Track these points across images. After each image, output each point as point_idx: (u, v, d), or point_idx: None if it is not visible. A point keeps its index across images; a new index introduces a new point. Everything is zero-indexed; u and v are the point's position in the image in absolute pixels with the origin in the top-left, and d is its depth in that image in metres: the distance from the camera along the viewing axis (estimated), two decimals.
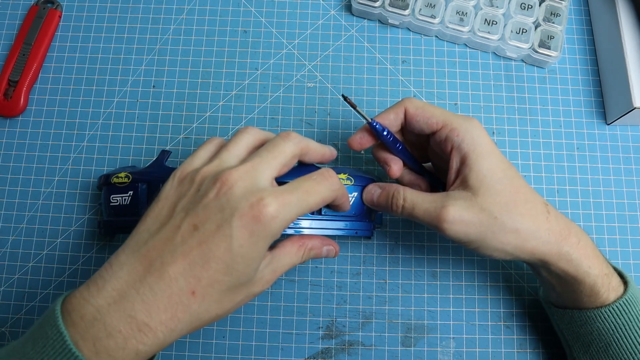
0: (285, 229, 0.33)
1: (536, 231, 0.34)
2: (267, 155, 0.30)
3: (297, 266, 0.44)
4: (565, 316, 0.37)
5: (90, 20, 0.51)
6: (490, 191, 0.34)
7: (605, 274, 0.35)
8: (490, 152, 0.35)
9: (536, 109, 0.48)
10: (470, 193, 0.34)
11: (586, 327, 0.36)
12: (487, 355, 0.42)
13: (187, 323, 0.28)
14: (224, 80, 0.49)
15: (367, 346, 0.43)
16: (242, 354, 0.42)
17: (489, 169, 0.34)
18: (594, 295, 0.34)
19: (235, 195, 0.27)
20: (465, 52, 0.50)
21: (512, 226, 0.33)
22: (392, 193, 0.36)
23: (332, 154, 0.36)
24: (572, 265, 0.34)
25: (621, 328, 0.34)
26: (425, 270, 0.44)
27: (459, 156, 0.35)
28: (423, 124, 0.36)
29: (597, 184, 0.46)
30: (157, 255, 0.27)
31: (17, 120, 0.48)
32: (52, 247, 0.45)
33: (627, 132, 0.48)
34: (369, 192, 0.38)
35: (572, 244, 0.34)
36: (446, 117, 0.36)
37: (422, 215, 0.35)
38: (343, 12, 0.51)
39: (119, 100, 0.48)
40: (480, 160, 0.34)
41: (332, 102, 0.48)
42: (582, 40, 0.51)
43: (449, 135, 0.35)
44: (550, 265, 0.34)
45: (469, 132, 0.35)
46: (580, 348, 0.37)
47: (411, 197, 0.35)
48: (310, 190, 0.29)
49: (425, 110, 0.36)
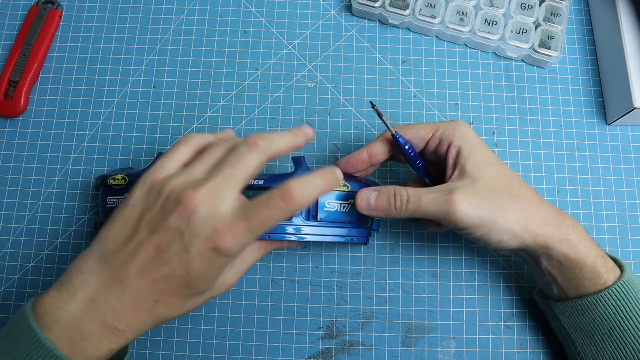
0: (285, 235, 0.36)
1: (535, 212, 0.35)
2: (230, 171, 0.30)
3: (298, 266, 0.44)
4: (566, 308, 0.37)
5: (90, 20, 0.51)
6: (489, 175, 0.35)
7: (602, 255, 0.36)
8: (479, 144, 0.37)
9: (536, 109, 0.48)
10: (470, 179, 0.35)
11: (588, 314, 0.36)
12: (487, 355, 0.42)
13: (152, 323, 0.31)
14: (224, 81, 0.49)
15: (367, 346, 0.43)
16: (243, 354, 0.42)
17: (483, 157, 0.36)
18: (595, 277, 0.35)
19: (195, 222, 0.28)
20: (465, 52, 0.50)
21: (516, 205, 0.35)
22: (393, 192, 0.36)
23: (307, 138, 0.34)
24: (572, 247, 0.35)
25: (622, 310, 0.35)
26: (426, 270, 0.44)
27: (455, 150, 0.37)
28: (415, 138, 0.38)
29: (597, 184, 0.46)
30: (123, 267, 0.29)
31: (17, 120, 0.48)
32: (52, 247, 0.45)
33: (627, 132, 0.48)
34: (365, 197, 0.36)
35: (568, 227, 0.36)
36: (433, 125, 0.38)
37: (431, 206, 0.35)
38: (343, 12, 0.51)
39: (119, 101, 0.48)
40: (473, 150, 0.36)
41: (332, 102, 0.48)
42: (582, 40, 0.51)
43: (441, 136, 0.37)
44: (551, 249, 0.35)
45: (457, 130, 0.37)
46: (584, 339, 0.37)
47: (414, 191, 0.36)
48: (265, 220, 0.29)
49: (410, 127, 0.38)
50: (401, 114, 0.48)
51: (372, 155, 0.39)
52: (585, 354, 0.37)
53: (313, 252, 0.45)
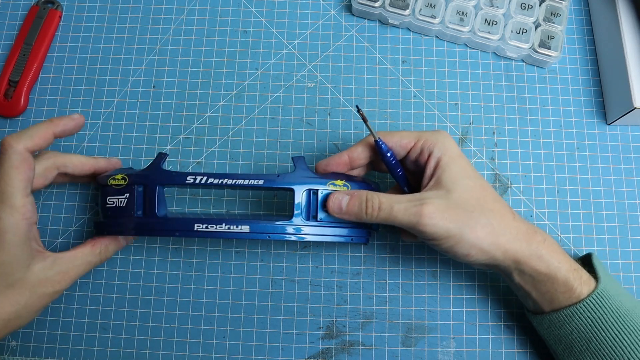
0: (285, 235, 0.36)
1: (506, 228, 0.35)
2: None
3: (298, 266, 0.44)
4: (544, 321, 0.37)
5: (90, 20, 0.51)
6: (463, 188, 0.36)
7: (574, 269, 0.36)
8: (459, 156, 0.37)
9: (536, 109, 0.48)
10: (445, 191, 0.35)
11: (565, 327, 0.36)
12: (487, 355, 0.42)
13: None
14: (224, 81, 0.49)
15: (367, 346, 0.43)
16: (243, 354, 0.42)
17: (460, 170, 0.36)
18: (568, 291, 0.35)
19: None
20: (465, 52, 0.50)
21: (486, 221, 0.35)
22: (365, 197, 0.36)
23: (75, 123, 0.39)
24: (543, 262, 0.35)
25: (598, 322, 0.35)
26: (426, 270, 0.44)
27: (434, 161, 0.37)
28: (397, 146, 0.38)
29: (597, 184, 0.46)
30: None
31: (17, 120, 0.48)
32: (52, 247, 0.45)
33: (627, 132, 0.48)
34: (337, 200, 0.36)
35: (539, 242, 0.36)
36: (416, 134, 0.38)
37: (402, 214, 0.35)
38: (343, 12, 0.51)
39: (119, 101, 0.48)
40: (451, 162, 0.36)
41: (332, 102, 0.48)
42: (582, 40, 0.51)
43: (423, 146, 0.38)
44: (523, 265, 0.35)
45: (439, 141, 0.37)
46: (564, 350, 0.37)
47: (387, 198, 0.36)
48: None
49: (393, 134, 0.38)
50: (401, 114, 0.48)
51: (353, 159, 0.39)
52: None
53: (313, 252, 0.45)
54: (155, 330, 0.43)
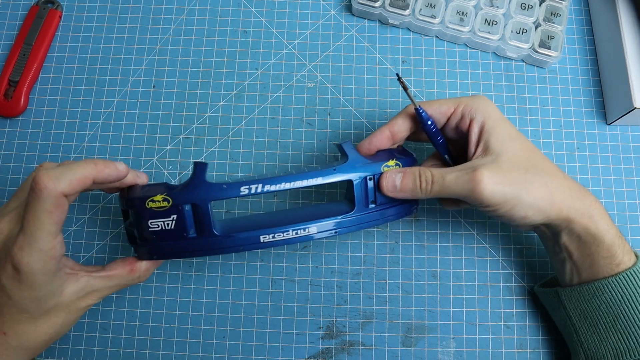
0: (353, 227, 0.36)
1: (559, 187, 0.35)
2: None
3: (298, 266, 0.44)
4: (573, 293, 0.37)
5: (90, 20, 0.51)
6: (512, 150, 0.35)
7: (620, 236, 0.36)
8: (502, 119, 0.37)
9: (536, 109, 0.48)
10: (495, 156, 0.35)
11: (595, 300, 0.36)
12: (487, 355, 0.42)
13: (19, 353, 0.34)
14: (224, 80, 0.49)
15: (367, 346, 0.43)
16: (243, 354, 0.42)
17: (506, 133, 0.36)
18: (610, 257, 0.35)
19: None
20: (465, 52, 0.50)
21: (541, 180, 0.35)
22: (418, 173, 0.36)
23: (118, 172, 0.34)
24: (593, 222, 0.35)
25: (629, 298, 0.35)
26: (426, 270, 0.44)
27: (478, 126, 0.36)
28: (437, 114, 0.38)
29: (597, 184, 0.46)
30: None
31: (17, 120, 0.48)
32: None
33: (627, 132, 0.48)
34: (391, 179, 0.36)
35: (591, 202, 0.36)
36: (455, 100, 0.38)
37: (455, 185, 0.34)
38: (343, 12, 0.51)
39: (119, 101, 0.48)
40: (496, 126, 0.36)
41: (332, 102, 0.48)
42: (582, 40, 0.51)
43: (463, 111, 0.37)
44: (574, 224, 0.35)
45: (480, 105, 0.37)
46: (588, 328, 0.37)
47: (438, 172, 0.36)
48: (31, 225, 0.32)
49: (432, 102, 0.38)
50: None
51: (394, 132, 0.38)
52: (588, 343, 0.37)
53: (313, 252, 0.45)
54: (155, 330, 0.43)
